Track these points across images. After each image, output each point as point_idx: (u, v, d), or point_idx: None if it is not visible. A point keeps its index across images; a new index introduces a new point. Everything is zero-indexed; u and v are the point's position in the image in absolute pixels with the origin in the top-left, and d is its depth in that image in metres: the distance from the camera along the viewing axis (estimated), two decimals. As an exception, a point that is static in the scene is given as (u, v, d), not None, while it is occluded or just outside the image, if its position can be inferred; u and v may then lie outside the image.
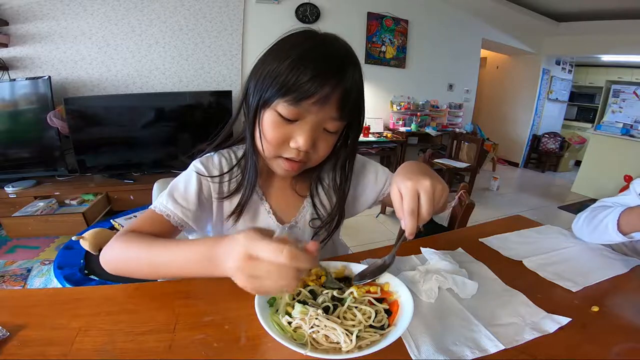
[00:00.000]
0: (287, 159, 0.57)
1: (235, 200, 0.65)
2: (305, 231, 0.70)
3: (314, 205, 0.70)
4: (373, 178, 0.76)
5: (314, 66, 0.49)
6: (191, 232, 0.64)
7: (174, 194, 0.60)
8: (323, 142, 0.57)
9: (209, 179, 0.64)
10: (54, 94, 2.37)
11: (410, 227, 0.46)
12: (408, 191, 0.46)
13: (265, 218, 0.67)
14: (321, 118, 0.53)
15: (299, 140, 0.53)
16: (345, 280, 0.53)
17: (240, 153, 0.67)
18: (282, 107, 0.51)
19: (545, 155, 5.29)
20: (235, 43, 3.08)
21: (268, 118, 0.54)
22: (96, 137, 2.52)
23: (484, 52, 4.87)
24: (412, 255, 0.66)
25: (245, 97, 0.59)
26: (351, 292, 0.48)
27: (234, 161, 0.67)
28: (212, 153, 0.68)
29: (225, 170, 0.66)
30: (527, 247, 0.73)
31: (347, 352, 0.39)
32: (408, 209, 0.46)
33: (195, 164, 0.65)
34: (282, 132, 0.54)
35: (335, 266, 0.57)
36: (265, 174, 0.68)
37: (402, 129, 3.98)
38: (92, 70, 2.71)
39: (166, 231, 0.58)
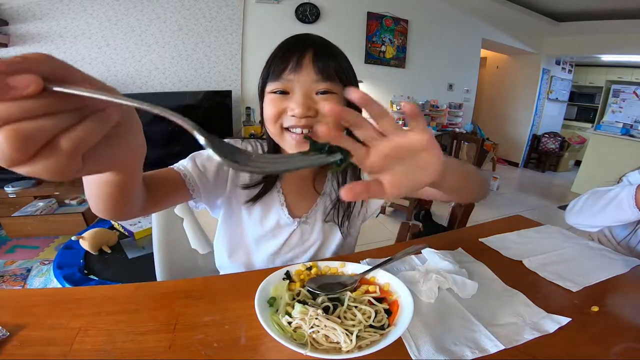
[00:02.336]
0: (293, 132, 0.58)
1: (255, 189, 0.67)
2: (315, 228, 0.71)
3: (327, 203, 0.71)
4: None
5: (285, 47, 0.59)
6: (199, 203, 0.64)
7: (196, 158, 0.62)
8: (324, 102, 0.57)
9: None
10: (53, 94, 2.36)
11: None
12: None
13: (278, 210, 0.69)
14: (305, 83, 0.57)
15: (293, 107, 0.56)
16: (340, 286, 0.51)
17: (265, 146, 0.70)
18: (270, 86, 0.59)
19: (545, 155, 5.29)
20: (235, 43, 3.08)
21: (266, 101, 0.60)
22: (96, 137, 2.52)
23: (484, 52, 4.87)
24: (412, 255, 0.65)
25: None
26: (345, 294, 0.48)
27: (260, 151, 0.70)
28: (237, 139, 0.71)
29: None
30: (527, 247, 0.73)
31: (347, 352, 0.39)
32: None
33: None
34: (277, 105, 0.58)
35: (334, 266, 0.57)
36: None
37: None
38: (91, 70, 2.70)
39: (175, 189, 0.58)
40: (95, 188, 0.38)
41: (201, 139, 0.24)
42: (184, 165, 0.60)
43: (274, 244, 0.69)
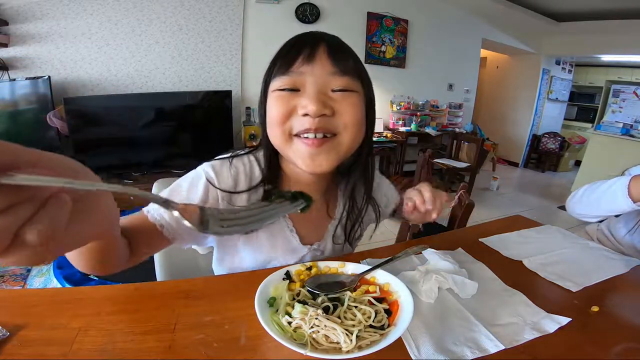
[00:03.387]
0: (304, 138, 0.50)
1: None
2: (326, 252, 0.66)
3: (337, 227, 0.66)
4: (393, 193, 0.78)
5: (293, 42, 0.52)
6: (184, 244, 0.56)
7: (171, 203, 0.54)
8: (343, 103, 0.50)
9: (218, 191, 0.55)
10: (53, 94, 2.36)
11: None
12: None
13: (288, 236, 0.61)
14: (320, 76, 0.49)
15: (306, 104, 0.48)
16: (339, 285, 0.51)
17: (259, 162, 0.60)
18: (277, 82, 0.50)
19: (545, 155, 5.29)
20: (235, 43, 3.08)
21: (270, 100, 0.52)
22: (96, 137, 2.52)
23: (484, 52, 4.87)
24: (412, 255, 0.65)
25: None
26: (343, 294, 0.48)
27: (256, 172, 0.59)
28: (227, 157, 0.59)
29: (242, 184, 0.57)
30: (527, 247, 0.73)
31: (347, 352, 0.39)
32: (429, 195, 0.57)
33: (205, 168, 0.56)
34: (284, 103, 0.49)
35: (334, 266, 0.57)
36: (295, 184, 0.60)
37: (402, 129, 3.98)
38: (92, 70, 2.70)
39: (156, 240, 0.51)
40: (76, 257, 0.38)
41: (175, 213, 0.24)
42: (158, 212, 0.51)
43: (283, 266, 0.63)
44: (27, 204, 0.18)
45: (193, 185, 0.55)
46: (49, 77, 2.36)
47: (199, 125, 2.77)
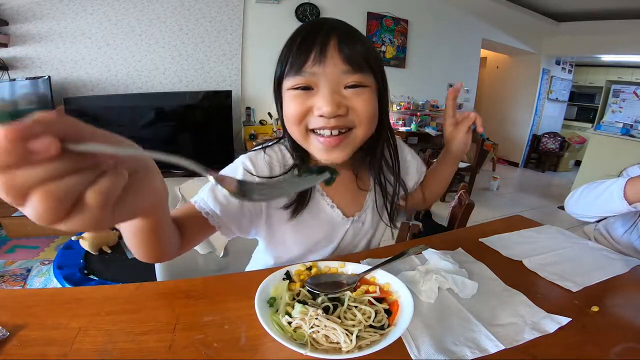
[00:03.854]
0: (320, 135, 0.52)
1: (294, 205, 0.61)
2: (366, 224, 0.70)
3: (374, 198, 0.69)
4: (415, 168, 0.78)
5: (303, 34, 0.51)
6: (229, 233, 0.58)
7: (215, 190, 0.54)
8: (357, 100, 0.51)
9: (256, 178, 0.58)
10: (54, 94, 2.37)
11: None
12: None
13: (330, 212, 0.65)
14: (332, 76, 0.50)
15: (321, 105, 0.49)
16: (339, 285, 0.52)
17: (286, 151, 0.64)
18: (290, 81, 0.52)
19: (545, 155, 5.29)
20: (235, 43, 3.08)
21: (286, 99, 0.54)
22: (96, 137, 2.52)
23: (484, 52, 4.87)
24: (412, 255, 0.65)
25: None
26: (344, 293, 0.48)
27: (288, 159, 0.62)
28: (260, 148, 0.63)
29: (277, 170, 0.61)
30: (527, 247, 0.73)
31: (347, 352, 0.39)
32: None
33: (243, 160, 0.60)
34: (300, 103, 0.51)
35: (334, 266, 0.57)
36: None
37: (402, 129, 3.98)
38: (92, 70, 2.71)
39: (202, 228, 0.54)
40: (132, 238, 0.40)
41: (211, 179, 0.26)
42: (204, 201, 0.54)
43: (328, 248, 0.67)
44: (91, 171, 0.21)
45: (233, 175, 0.58)
46: (49, 77, 2.36)
47: (199, 125, 2.77)
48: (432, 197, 0.82)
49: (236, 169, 0.59)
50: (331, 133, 0.52)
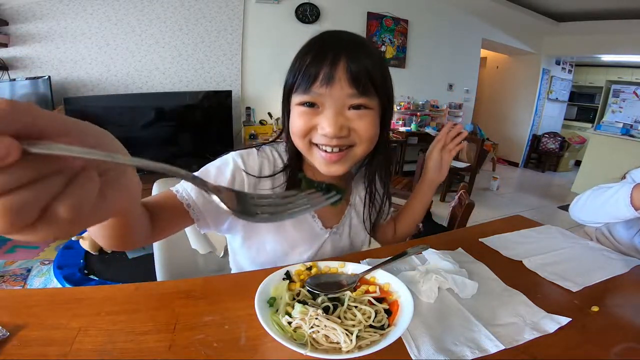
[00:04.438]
0: (322, 150, 0.55)
1: None
2: (344, 236, 0.71)
3: (353, 213, 0.72)
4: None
5: (313, 54, 0.53)
6: (205, 227, 0.57)
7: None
8: (359, 122, 0.54)
9: (245, 175, 0.59)
10: (54, 94, 2.36)
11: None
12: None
13: (310, 222, 0.66)
14: (338, 98, 0.52)
15: (324, 125, 0.52)
16: (339, 285, 0.52)
17: (285, 157, 0.64)
18: (298, 98, 0.54)
19: (545, 155, 5.29)
20: (235, 43, 3.08)
21: (293, 114, 0.56)
22: (96, 137, 2.52)
23: (484, 52, 4.87)
24: (412, 255, 0.65)
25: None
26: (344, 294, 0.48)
27: (279, 164, 0.63)
28: (252, 148, 0.64)
29: (266, 171, 0.62)
30: (527, 247, 0.73)
31: (347, 352, 0.39)
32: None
33: (234, 156, 0.61)
34: (306, 121, 0.54)
35: (334, 266, 0.57)
36: (316, 176, 0.65)
37: (402, 129, 3.98)
38: (92, 70, 2.71)
39: (179, 219, 0.53)
40: (98, 231, 0.39)
41: (215, 198, 0.23)
42: (187, 192, 0.53)
43: (304, 256, 0.67)
44: (57, 177, 0.17)
45: (221, 171, 0.58)
46: (49, 77, 2.36)
47: (199, 125, 2.77)
48: (403, 232, 0.82)
49: (226, 164, 0.60)
50: (332, 150, 0.55)
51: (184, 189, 0.54)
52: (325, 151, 0.55)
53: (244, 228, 0.64)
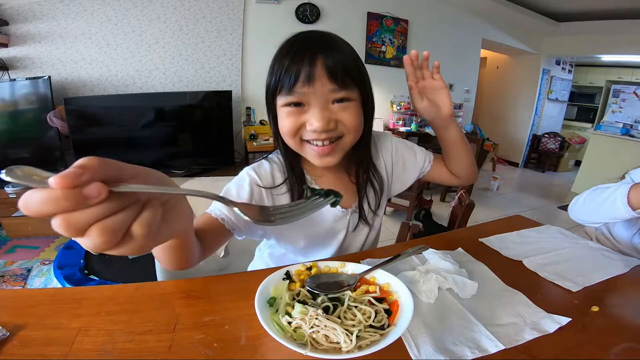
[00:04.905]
0: (314, 144, 0.58)
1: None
2: (363, 215, 0.73)
3: (365, 190, 0.73)
4: (413, 157, 0.79)
5: (290, 56, 0.55)
6: (242, 235, 0.64)
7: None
8: (344, 114, 0.57)
9: (262, 189, 0.65)
10: (54, 94, 2.36)
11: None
12: None
13: (327, 207, 0.68)
14: (321, 94, 0.55)
15: (313, 122, 0.55)
16: (339, 285, 0.52)
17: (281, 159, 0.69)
18: (283, 99, 0.57)
19: (545, 155, 5.29)
20: (235, 43, 3.08)
21: (280, 114, 0.59)
22: (96, 137, 2.52)
23: (484, 52, 4.87)
24: (412, 255, 0.65)
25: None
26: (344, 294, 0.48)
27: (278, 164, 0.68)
28: (262, 160, 0.70)
29: (279, 179, 0.67)
30: (527, 247, 0.73)
31: (347, 352, 0.39)
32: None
33: (248, 171, 0.66)
34: (294, 120, 0.57)
35: (334, 266, 0.57)
36: (318, 169, 0.69)
37: (402, 129, 3.98)
38: (92, 70, 2.71)
39: (220, 234, 0.59)
40: (162, 253, 0.45)
41: (237, 210, 0.30)
42: (219, 209, 0.60)
43: (334, 242, 0.72)
44: (134, 206, 0.24)
45: (240, 187, 0.64)
46: (49, 77, 2.36)
47: (199, 125, 2.77)
48: (460, 172, 0.77)
49: (243, 180, 0.65)
50: (323, 143, 0.58)
51: (215, 207, 0.60)
52: (317, 145, 0.58)
53: (276, 233, 0.70)
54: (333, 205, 0.41)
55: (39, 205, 0.20)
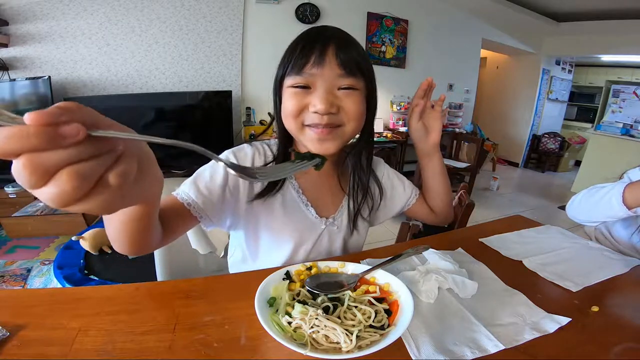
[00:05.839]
0: (314, 128, 0.57)
1: (271, 199, 0.64)
2: (342, 229, 0.71)
3: (354, 202, 0.71)
4: (402, 187, 0.79)
5: (302, 44, 0.57)
6: (209, 224, 0.61)
7: (197, 182, 0.58)
8: (347, 100, 0.57)
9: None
10: (54, 94, 2.36)
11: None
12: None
13: (303, 211, 0.67)
14: (328, 78, 0.55)
15: (316, 103, 0.55)
16: (339, 285, 0.52)
17: (275, 148, 0.67)
18: (290, 80, 0.57)
19: (545, 155, 5.29)
20: (235, 43, 3.08)
21: (285, 95, 0.59)
22: (96, 137, 2.52)
23: (484, 52, 4.87)
24: (412, 255, 0.65)
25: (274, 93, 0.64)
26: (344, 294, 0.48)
27: (269, 155, 0.66)
28: (244, 144, 0.68)
29: (258, 164, 0.65)
30: (527, 247, 0.73)
31: (347, 352, 0.39)
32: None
33: (226, 153, 0.65)
34: (298, 100, 0.56)
35: (334, 266, 0.57)
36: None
37: (402, 129, 3.98)
38: (92, 70, 2.71)
39: (184, 219, 0.56)
40: (122, 227, 0.42)
41: (221, 164, 0.29)
42: (186, 193, 0.57)
43: (302, 249, 0.68)
44: (109, 155, 0.23)
45: (214, 169, 0.61)
46: (49, 77, 2.36)
47: (199, 125, 2.77)
48: (438, 207, 0.79)
49: (218, 165, 0.61)
50: (323, 127, 0.57)
51: (182, 190, 0.57)
52: (317, 128, 0.58)
53: (246, 224, 0.67)
54: (317, 167, 0.41)
55: (5, 140, 0.19)
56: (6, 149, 0.19)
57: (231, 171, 0.29)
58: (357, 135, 0.65)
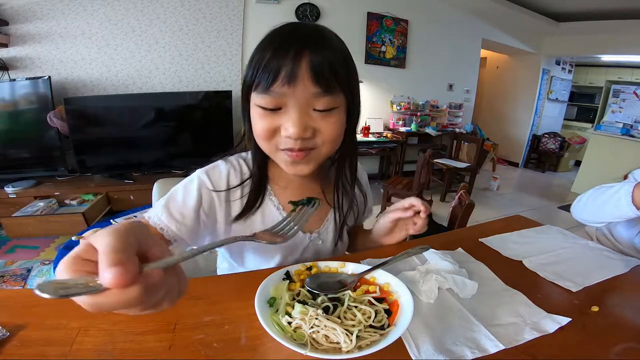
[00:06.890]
0: (288, 151, 0.53)
1: (251, 217, 0.61)
2: (327, 243, 0.68)
3: (340, 215, 0.68)
4: (371, 201, 0.79)
5: (274, 48, 0.48)
6: (185, 246, 0.58)
7: (169, 206, 0.56)
8: (324, 123, 0.51)
9: (213, 193, 0.59)
10: (54, 94, 2.37)
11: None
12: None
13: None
14: (302, 97, 0.48)
15: (288, 128, 0.49)
16: (339, 285, 0.52)
17: (251, 163, 0.63)
18: (257, 98, 0.50)
19: (545, 155, 5.29)
20: (235, 43, 3.08)
21: (253, 114, 0.53)
22: (96, 137, 2.52)
23: (484, 52, 4.88)
24: (413, 256, 0.65)
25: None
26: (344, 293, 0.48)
27: (245, 172, 0.62)
28: (218, 161, 0.63)
29: (234, 181, 0.61)
30: (527, 247, 0.73)
31: (347, 352, 0.39)
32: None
33: (200, 174, 0.60)
34: (268, 123, 0.51)
35: (334, 266, 0.57)
36: (284, 180, 0.64)
37: (402, 129, 3.98)
38: (92, 70, 2.71)
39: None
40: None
41: (195, 183, 0.35)
42: (158, 217, 0.55)
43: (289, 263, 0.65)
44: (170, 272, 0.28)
45: (187, 191, 0.58)
46: (49, 77, 2.36)
47: (199, 125, 2.77)
48: (357, 250, 0.78)
49: (191, 183, 0.59)
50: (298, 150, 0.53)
51: (155, 214, 0.56)
52: (290, 151, 0.53)
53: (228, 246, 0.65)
54: (314, 208, 0.45)
55: (116, 307, 0.24)
56: (119, 309, 0.24)
57: (263, 243, 0.35)
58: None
